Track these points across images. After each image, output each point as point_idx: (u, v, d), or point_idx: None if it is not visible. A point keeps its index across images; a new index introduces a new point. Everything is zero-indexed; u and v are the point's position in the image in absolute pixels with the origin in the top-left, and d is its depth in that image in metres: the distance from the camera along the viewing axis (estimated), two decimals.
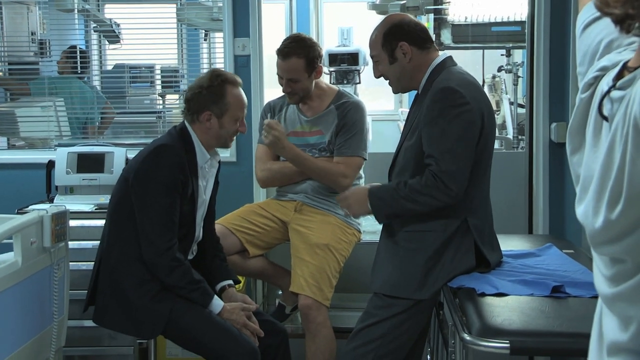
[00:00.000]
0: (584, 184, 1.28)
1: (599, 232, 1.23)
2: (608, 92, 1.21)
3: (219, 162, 3.55)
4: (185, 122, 3.38)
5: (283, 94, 4.20)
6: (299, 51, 3.88)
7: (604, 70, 1.29)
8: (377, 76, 3.27)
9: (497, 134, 4.11)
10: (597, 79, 1.29)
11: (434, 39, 4.00)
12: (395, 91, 3.40)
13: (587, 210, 1.26)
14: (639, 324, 1.21)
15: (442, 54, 3.19)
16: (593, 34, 1.39)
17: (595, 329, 1.38)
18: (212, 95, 3.31)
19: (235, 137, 3.48)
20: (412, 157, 3.06)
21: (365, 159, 3.99)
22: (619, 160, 1.15)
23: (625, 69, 1.22)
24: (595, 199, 1.22)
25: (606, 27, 1.37)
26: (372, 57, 3.23)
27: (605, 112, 1.22)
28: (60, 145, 4.96)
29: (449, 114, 2.94)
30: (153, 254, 3.21)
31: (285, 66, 3.90)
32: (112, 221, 3.34)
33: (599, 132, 1.25)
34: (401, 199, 3.02)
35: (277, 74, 3.95)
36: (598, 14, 1.40)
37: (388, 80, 3.26)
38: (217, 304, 3.29)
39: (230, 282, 3.53)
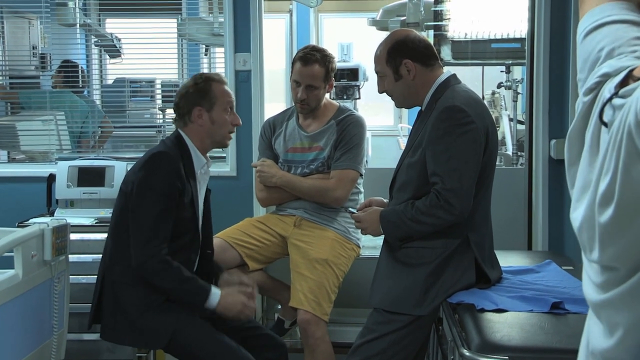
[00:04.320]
0: (582, 188, 1.29)
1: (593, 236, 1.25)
2: (610, 99, 1.23)
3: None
4: (179, 129, 3.40)
5: (283, 110, 4.24)
6: (320, 60, 3.93)
7: (606, 76, 1.29)
8: (381, 91, 3.27)
9: None
10: (599, 84, 1.30)
11: None
12: (398, 106, 3.42)
13: (583, 215, 1.27)
14: (625, 331, 1.22)
15: (447, 72, 3.20)
16: (595, 41, 1.40)
17: (584, 338, 1.39)
18: (199, 92, 3.35)
19: (232, 137, 3.50)
20: (415, 175, 3.07)
21: (361, 174, 4.00)
22: (612, 165, 1.16)
23: (630, 77, 1.23)
24: (592, 203, 1.23)
25: (608, 35, 1.38)
26: (377, 72, 3.24)
27: (606, 118, 1.23)
28: (60, 158, 4.97)
29: (454, 132, 2.96)
30: (141, 257, 3.17)
31: (307, 72, 3.92)
32: (114, 236, 3.33)
33: (598, 137, 1.26)
34: (408, 220, 3.03)
35: (294, 80, 3.96)
36: (600, 21, 1.41)
37: (391, 96, 3.27)
38: (215, 293, 3.22)
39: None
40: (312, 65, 3.92)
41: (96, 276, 3.37)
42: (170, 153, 3.27)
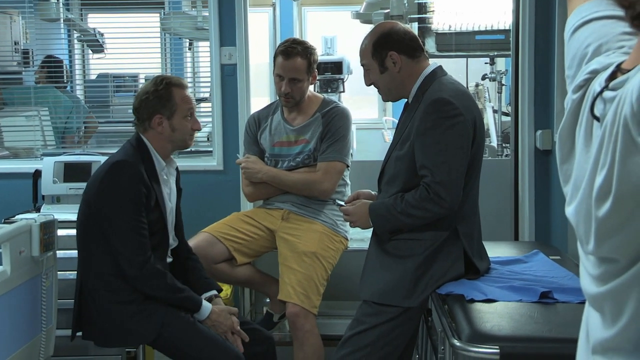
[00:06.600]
0: (576, 183, 1.30)
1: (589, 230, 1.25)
2: (600, 92, 1.23)
3: (177, 169, 3.57)
4: (139, 133, 3.39)
5: (267, 104, 4.23)
6: (302, 52, 3.93)
7: (594, 73, 1.30)
8: (368, 84, 3.28)
9: None
10: (587, 81, 1.31)
11: None
12: (385, 100, 3.42)
13: (578, 209, 1.28)
14: (629, 319, 1.23)
15: (433, 64, 3.20)
16: (582, 37, 1.41)
17: (583, 330, 1.40)
18: (159, 99, 3.33)
19: (195, 137, 3.51)
20: (404, 168, 3.07)
21: (348, 165, 4.01)
22: (609, 159, 1.17)
23: (618, 70, 1.24)
24: (587, 197, 1.24)
25: (595, 32, 1.39)
26: (362, 65, 3.24)
27: (597, 112, 1.24)
28: (45, 154, 4.94)
29: (443, 125, 2.96)
30: (133, 270, 3.21)
31: (289, 65, 3.92)
32: (82, 246, 3.36)
33: (590, 132, 1.26)
34: (398, 214, 3.03)
35: (277, 74, 3.97)
36: (587, 17, 1.42)
37: (378, 89, 3.27)
38: (206, 306, 3.32)
39: (215, 292, 3.54)
40: (294, 58, 3.92)
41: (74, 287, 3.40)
42: (129, 160, 3.27)
